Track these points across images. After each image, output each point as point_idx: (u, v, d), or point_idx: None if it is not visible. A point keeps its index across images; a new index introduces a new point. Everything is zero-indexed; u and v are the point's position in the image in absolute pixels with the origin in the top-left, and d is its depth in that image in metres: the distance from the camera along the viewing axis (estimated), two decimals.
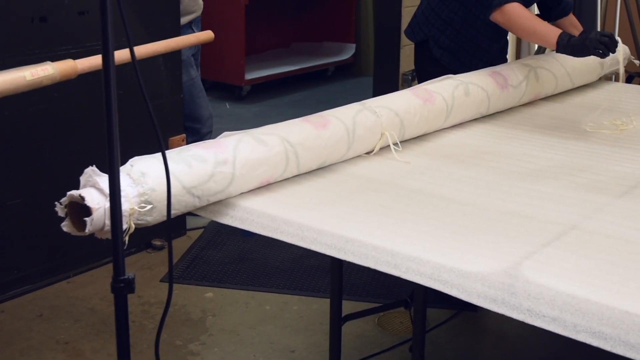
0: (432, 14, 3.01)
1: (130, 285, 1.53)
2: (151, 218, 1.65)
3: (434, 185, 1.97)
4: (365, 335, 2.95)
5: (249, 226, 1.75)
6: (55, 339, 2.91)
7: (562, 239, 1.62)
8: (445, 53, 2.98)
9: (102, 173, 1.59)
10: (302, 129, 1.95)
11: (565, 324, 1.34)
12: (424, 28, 3.06)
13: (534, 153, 2.26)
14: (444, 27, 2.97)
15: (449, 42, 2.97)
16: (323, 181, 1.98)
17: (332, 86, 7.15)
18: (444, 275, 1.48)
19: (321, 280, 3.36)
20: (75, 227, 1.62)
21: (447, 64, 2.97)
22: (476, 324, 3.06)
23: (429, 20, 3.03)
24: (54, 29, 3.12)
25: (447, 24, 2.96)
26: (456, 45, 2.97)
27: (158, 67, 3.54)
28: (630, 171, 2.10)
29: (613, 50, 2.46)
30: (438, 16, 2.99)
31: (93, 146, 3.22)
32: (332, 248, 1.63)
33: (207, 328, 3.01)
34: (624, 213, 1.79)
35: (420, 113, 2.26)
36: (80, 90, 3.24)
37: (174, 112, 3.67)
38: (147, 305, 3.15)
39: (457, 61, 2.97)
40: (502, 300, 1.41)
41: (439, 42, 2.99)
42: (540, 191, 1.94)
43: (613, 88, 3.14)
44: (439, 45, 2.99)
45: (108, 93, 1.45)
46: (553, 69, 2.82)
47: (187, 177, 1.69)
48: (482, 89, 2.50)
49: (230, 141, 1.82)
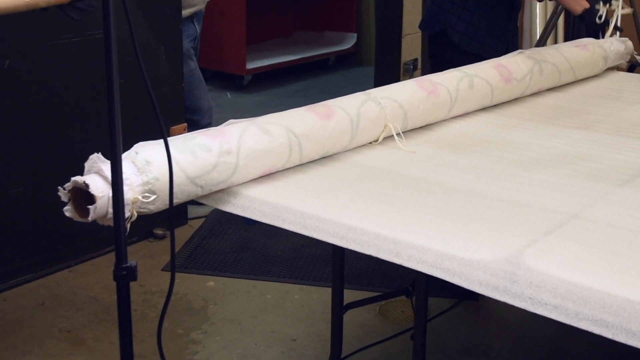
0: (446, 1, 3.11)
1: (132, 273, 1.53)
2: (154, 207, 1.65)
3: (436, 173, 1.97)
4: (366, 324, 2.96)
5: (251, 214, 1.75)
6: (58, 327, 2.92)
7: (564, 227, 1.63)
8: (464, 37, 3.09)
9: (107, 160, 1.59)
10: (307, 119, 1.95)
11: (567, 311, 1.34)
12: (439, 18, 3.16)
13: (536, 142, 2.26)
14: (459, 11, 3.10)
15: (466, 26, 3.08)
16: (325, 169, 1.98)
17: (333, 76, 7.15)
18: (445, 263, 1.48)
19: (322, 269, 3.37)
20: (78, 213, 1.62)
21: (467, 48, 3.08)
22: (477, 312, 3.06)
23: (443, 9, 3.14)
24: (56, 18, 3.10)
25: (461, 7, 3.08)
26: (473, 27, 3.08)
27: (159, 57, 3.54)
28: (632, 160, 2.10)
29: None
30: (452, 2, 3.10)
31: (95, 135, 3.21)
32: (333, 236, 1.63)
33: (208, 317, 3.01)
34: (625, 202, 1.79)
35: (424, 105, 2.26)
36: (82, 79, 3.24)
37: (176, 101, 3.68)
38: (149, 294, 3.16)
39: (477, 43, 3.08)
40: (504, 288, 1.41)
41: (457, 27, 3.11)
42: (542, 180, 1.94)
43: (616, 77, 3.14)
44: (457, 31, 3.10)
45: (110, 82, 1.45)
46: (557, 63, 2.81)
47: (191, 166, 1.68)
48: (487, 81, 2.50)
49: (235, 130, 1.82)
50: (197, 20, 3.98)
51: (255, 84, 6.60)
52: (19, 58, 3.04)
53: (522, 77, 2.64)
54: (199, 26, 4.01)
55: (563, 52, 2.89)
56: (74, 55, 3.21)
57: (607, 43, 3.14)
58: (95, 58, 3.22)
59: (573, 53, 2.92)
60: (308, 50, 7.15)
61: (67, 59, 3.19)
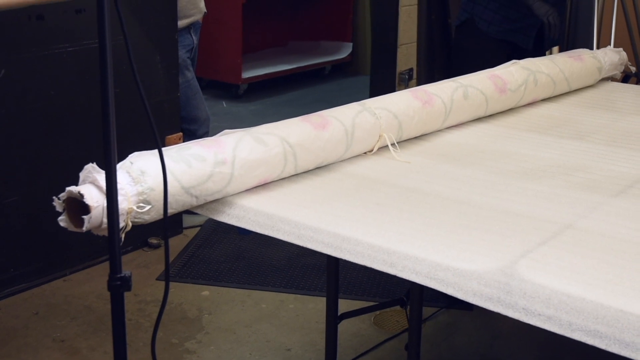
0: None
1: (126, 283, 1.53)
2: (149, 217, 1.65)
3: (430, 183, 1.97)
4: (361, 333, 2.96)
5: (246, 224, 1.76)
6: (52, 337, 2.92)
7: (558, 237, 1.63)
8: (492, 26, 3.30)
9: (102, 170, 1.59)
10: (302, 129, 1.95)
11: (561, 322, 1.34)
12: (467, 8, 3.36)
13: (530, 152, 2.26)
14: (486, 1, 3.30)
15: (493, 14, 3.26)
16: (320, 179, 1.98)
17: (329, 85, 7.16)
18: (440, 273, 1.48)
19: (317, 279, 3.37)
20: (73, 223, 1.62)
21: (495, 35, 3.29)
22: (472, 322, 3.06)
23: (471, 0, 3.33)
24: (51, 27, 3.13)
25: None
26: (501, 15, 3.26)
27: (155, 66, 3.55)
28: (625, 170, 2.11)
29: None
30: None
31: (90, 144, 3.22)
32: (328, 246, 1.63)
33: (203, 326, 3.01)
34: (619, 212, 1.79)
35: (418, 115, 2.27)
36: (78, 88, 3.25)
37: (171, 111, 3.68)
38: (144, 303, 3.16)
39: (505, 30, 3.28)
40: (497, 298, 1.41)
41: (484, 16, 3.31)
42: (536, 190, 1.94)
43: (610, 88, 3.15)
44: (484, 19, 3.31)
45: (105, 91, 1.45)
46: (552, 74, 2.82)
47: (186, 176, 1.69)
48: (481, 92, 2.50)
49: (229, 140, 1.82)
50: (194, 31, 3.99)
51: (251, 93, 6.60)
52: (15, 68, 3.04)
53: (517, 87, 2.65)
54: (196, 37, 4.02)
55: (557, 63, 2.90)
56: (70, 64, 3.21)
57: (601, 54, 3.15)
58: (91, 67, 3.23)
59: (567, 64, 2.93)
60: (304, 59, 7.16)
61: (63, 69, 3.20)
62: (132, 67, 1.49)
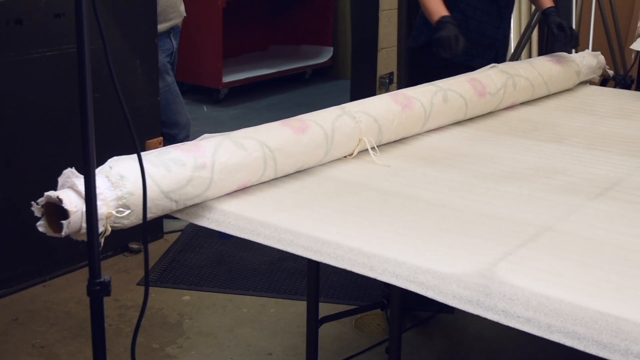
0: None
1: (106, 288, 1.52)
2: (128, 221, 1.64)
3: (410, 187, 1.98)
4: (342, 337, 2.96)
5: (226, 228, 1.75)
6: (31, 343, 2.90)
7: (537, 240, 1.64)
8: None
9: (80, 175, 1.58)
10: (282, 134, 1.95)
11: (540, 324, 1.35)
12: (423, 30, 3.14)
13: (509, 155, 2.27)
14: None
15: None
16: (300, 183, 1.98)
17: (309, 89, 7.17)
18: (420, 276, 1.48)
19: (298, 282, 3.36)
20: (52, 228, 1.61)
21: (454, 59, 2.93)
22: (453, 325, 3.07)
23: (428, 22, 3.04)
24: (30, 32, 3.11)
25: None
26: None
27: (135, 71, 3.54)
28: (604, 173, 2.12)
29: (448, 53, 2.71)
30: None
31: (70, 149, 3.20)
32: (308, 250, 1.63)
33: (184, 331, 3.00)
34: (597, 215, 1.81)
35: (398, 119, 2.27)
36: (57, 92, 3.23)
37: (151, 115, 3.67)
38: (124, 308, 3.14)
39: (464, 54, 2.95)
40: (477, 301, 1.42)
41: None
42: (516, 193, 1.95)
43: (589, 91, 3.17)
44: None
45: (83, 95, 1.45)
46: (531, 78, 2.84)
47: (165, 180, 1.68)
48: (461, 95, 2.51)
49: (209, 144, 1.82)
50: (174, 35, 3.98)
51: (231, 98, 6.60)
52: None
53: (496, 91, 2.66)
54: (176, 41, 4.01)
55: (536, 67, 2.92)
56: (49, 69, 3.19)
57: (579, 57, 3.17)
58: (70, 72, 3.21)
59: (546, 67, 2.95)
60: (284, 63, 7.16)
61: (42, 73, 3.18)
62: (110, 72, 1.49)
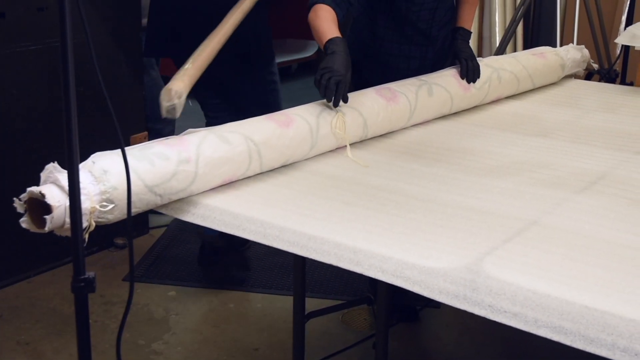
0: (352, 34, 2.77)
1: (90, 284, 1.51)
2: (112, 216, 1.63)
3: (395, 181, 1.97)
4: (329, 332, 2.95)
5: (211, 223, 1.74)
6: (16, 339, 2.88)
7: (523, 234, 1.64)
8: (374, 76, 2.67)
9: (63, 170, 1.57)
10: (266, 127, 1.95)
11: (527, 319, 1.35)
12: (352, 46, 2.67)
13: (495, 149, 2.27)
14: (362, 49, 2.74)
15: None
16: (285, 178, 1.97)
17: (295, 83, 7.15)
18: (406, 271, 1.48)
19: (285, 278, 3.36)
20: (35, 224, 1.59)
21: None
22: (439, 319, 3.07)
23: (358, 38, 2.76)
24: (13, 25, 3.08)
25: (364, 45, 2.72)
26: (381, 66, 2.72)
27: (119, 65, 3.51)
28: (589, 167, 2.13)
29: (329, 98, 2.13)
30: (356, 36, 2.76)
31: (52, 144, 3.18)
32: (294, 245, 1.62)
33: (170, 327, 2.99)
34: (583, 208, 1.81)
35: (383, 113, 2.27)
36: (41, 87, 3.20)
37: (136, 110, 3.64)
38: (110, 304, 3.12)
39: None
40: (463, 296, 1.41)
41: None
42: (501, 187, 1.95)
43: (573, 85, 3.18)
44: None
45: (67, 90, 1.43)
46: (515, 71, 2.84)
47: (149, 175, 1.67)
48: (446, 89, 2.51)
49: (193, 139, 1.81)
50: None
51: None
52: None
53: (481, 85, 2.66)
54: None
55: (521, 60, 2.92)
56: (33, 63, 3.16)
57: (563, 51, 3.18)
58: (54, 66, 3.19)
59: (531, 61, 2.95)
60: None
61: (26, 67, 3.15)
62: (94, 66, 1.47)
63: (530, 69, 2.91)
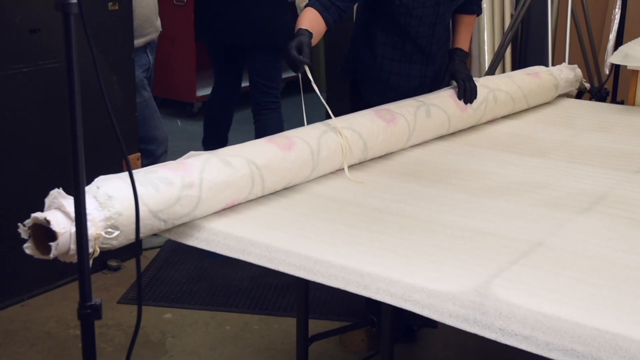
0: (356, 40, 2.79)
1: (97, 311, 1.50)
2: (116, 242, 1.63)
3: (396, 203, 1.97)
4: (327, 353, 2.94)
5: (215, 247, 1.74)
6: None
7: (529, 256, 1.64)
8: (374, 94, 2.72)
9: (67, 195, 1.56)
10: (268, 151, 1.95)
11: (538, 342, 1.35)
12: (350, 68, 2.82)
13: (493, 170, 2.28)
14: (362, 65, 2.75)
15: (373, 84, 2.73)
16: (287, 201, 1.97)
17: (284, 102, 7.11)
18: (415, 295, 1.48)
19: (281, 299, 3.34)
20: (39, 250, 1.58)
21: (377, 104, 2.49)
22: (437, 339, 3.07)
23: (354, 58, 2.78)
24: (5, 48, 3.07)
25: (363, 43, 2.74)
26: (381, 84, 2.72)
27: (112, 86, 3.50)
28: (588, 187, 2.13)
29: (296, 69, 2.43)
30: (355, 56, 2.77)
31: (47, 167, 3.16)
32: (301, 269, 1.62)
33: (167, 350, 2.97)
34: (586, 229, 1.81)
35: (383, 135, 2.28)
36: (33, 109, 3.19)
37: (129, 131, 3.64)
38: (105, 327, 3.10)
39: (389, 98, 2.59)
40: (473, 319, 1.41)
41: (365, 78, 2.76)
42: (503, 208, 1.95)
43: (567, 104, 3.20)
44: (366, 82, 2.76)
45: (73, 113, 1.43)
46: (511, 92, 2.85)
47: (153, 200, 1.66)
48: (443, 110, 2.52)
49: (196, 163, 1.80)
50: (150, 51, 3.95)
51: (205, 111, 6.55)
52: None
53: (478, 105, 2.67)
54: (152, 56, 3.99)
55: (516, 80, 2.94)
56: (25, 85, 3.15)
57: (557, 71, 3.20)
58: (47, 88, 3.18)
59: (526, 81, 2.97)
60: None
61: (19, 90, 3.14)
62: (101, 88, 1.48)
63: (525, 89, 2.93)
